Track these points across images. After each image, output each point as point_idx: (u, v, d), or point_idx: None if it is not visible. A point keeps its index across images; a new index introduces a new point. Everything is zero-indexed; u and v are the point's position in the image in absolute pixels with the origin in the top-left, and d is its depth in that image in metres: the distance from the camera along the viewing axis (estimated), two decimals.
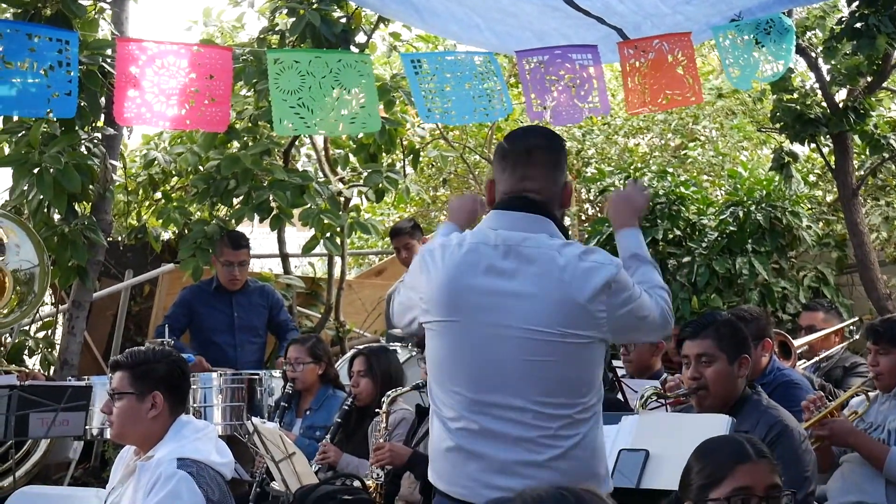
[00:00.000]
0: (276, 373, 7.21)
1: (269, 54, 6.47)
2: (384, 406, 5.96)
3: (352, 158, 9.35)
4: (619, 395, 6.15)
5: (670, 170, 10.32)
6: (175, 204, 9.04)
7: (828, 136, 8.80)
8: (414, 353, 7.28)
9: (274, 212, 8.34)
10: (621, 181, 9.80)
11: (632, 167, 10.19)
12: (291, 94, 6.28)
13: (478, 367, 3.42)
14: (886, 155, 8.92)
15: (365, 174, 8.88)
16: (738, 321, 5.03)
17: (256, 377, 7.11)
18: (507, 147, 3.63)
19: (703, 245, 8.98)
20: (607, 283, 3.40)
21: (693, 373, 4.68)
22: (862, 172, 9.29)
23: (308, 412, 6.88)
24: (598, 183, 10.17)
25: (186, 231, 8.67)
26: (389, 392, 6.03)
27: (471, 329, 3.43)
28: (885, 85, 8.91)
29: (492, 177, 3.71)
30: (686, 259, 8.92)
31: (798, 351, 6.89)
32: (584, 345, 3.40)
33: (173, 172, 9.50)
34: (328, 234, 8.50)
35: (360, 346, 7.31)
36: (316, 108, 6.32)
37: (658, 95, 7.21)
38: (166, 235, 9.40)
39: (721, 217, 9.12)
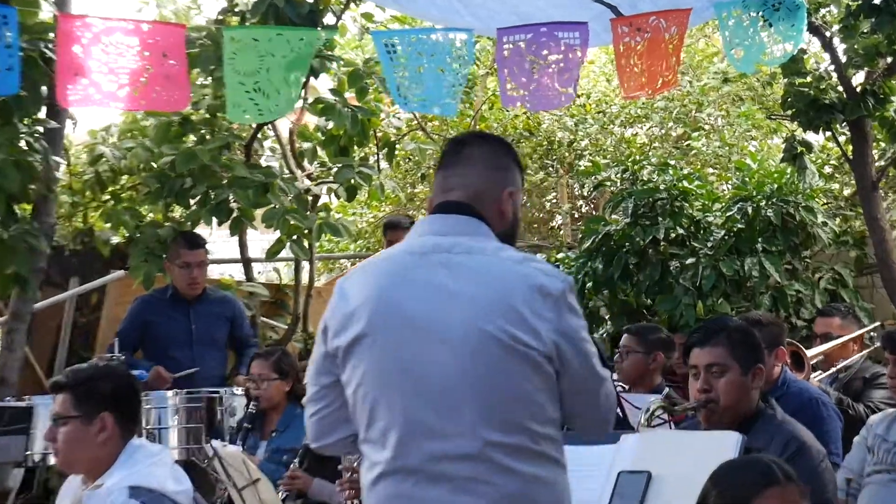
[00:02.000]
0: (239, 390, 7.18)
1: (224, 32, 6.45)
2: None
3: (320, 152, 9.32)
4: (619, 411, 6.15)
5: (672, 162, 10.34)
6: (125, 205, 8.99)
7: (844, 124, 8.83)
8: None
9: (235, 213, 8.31)
10: (618, 175, 9.83)
11: (630, 160, 10.21)
12: (248, 77, 6.26)
13: (405, 389, 3.29)
14: None
15: (335, 169, 8.86)
16: (752, 327, 5.03)
17: (217, 395, 7.07)
18: (444, 151, 3.62)
19: (709, 245, 8.99)
20: (549, 294, 3.28)
21: (703, 384, 4.66)
22: (882, 163, 9.33)
23: (274, 434, 6.86)
24: (593, 177, 10.19)
25: (137, 235, 8.63)
26: None
27: (398, 346, 3.31)
28: None
29: None
30: (690, 260, 8.93)
31: (813, 361, 6.90)
32: (533, 359, 3.25)
33: (123, 170, 9.44)
34: (295, 237, 8.47)
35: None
36: (273, 92, 6.29)
37: (653, 77, 7.21)
38: (115, 240, 9.33)
39: (728, 214, 9.14)
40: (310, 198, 9.11)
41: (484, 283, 3.28)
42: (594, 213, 13.50)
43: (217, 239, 10.84)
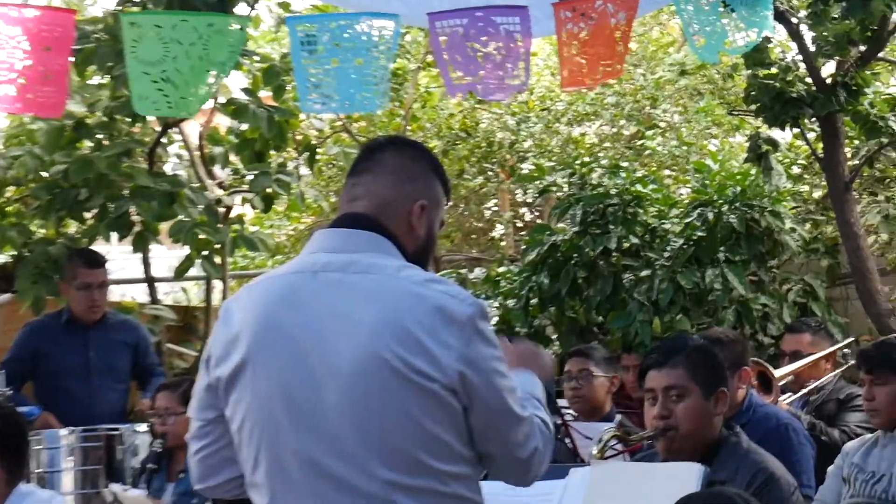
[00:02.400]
0: (142, 427, 7.11)
1: (123, 18, 6.40)
2: None
3: (233, 158, 9.28)
4: (567, 442, 6.15)
5: (624, 164, 10.37)
6: (11, 220, 8.90)
7: (814, 119, 8.89)
8: None
9: (137, 227, 8.24)
10: (565, 179, 9.84)
11: (577, 161, 10.22)
12: (153, 67, 6.21)
13: (290, 426, 3.23)
14: (885, 140, 9.03)
15: (250, 177, 8.82)
16: (714, 346, 5.04)
17: (117, 433, 7.00)
18: (354, 160, 3.55)
19: (666, 255, 9.02)
20: (454, 319, 3.21)
21: (661, 410, 4.65)
22: (856, 162, 9.40)
23: (182, 475, 6.77)
24: (537, 182, 10.21)
25: (26, 253, 8.54)
26: None
27: (281, 376, 3.24)
28: (881, 55, 9.02)
29: None
30: (645, 272, 8.96)
31: (781, 383, 6.94)
32: (433, 392, 3.17)
33: (8, 180, 9.34)
34: (205, 253, 8.43)
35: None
36: (182, 84, 6.25)
37: (595, 67, 7.22)
38: (1, 259, 9.25)
39: (687, 220, 9.17)
40: (221, 209, 9.07)
41: (378, 306, 3.21)
42: (539, 221, 13.51)
43: (117, 256, 10.75)
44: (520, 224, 14.89)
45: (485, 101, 11.92)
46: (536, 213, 14.76)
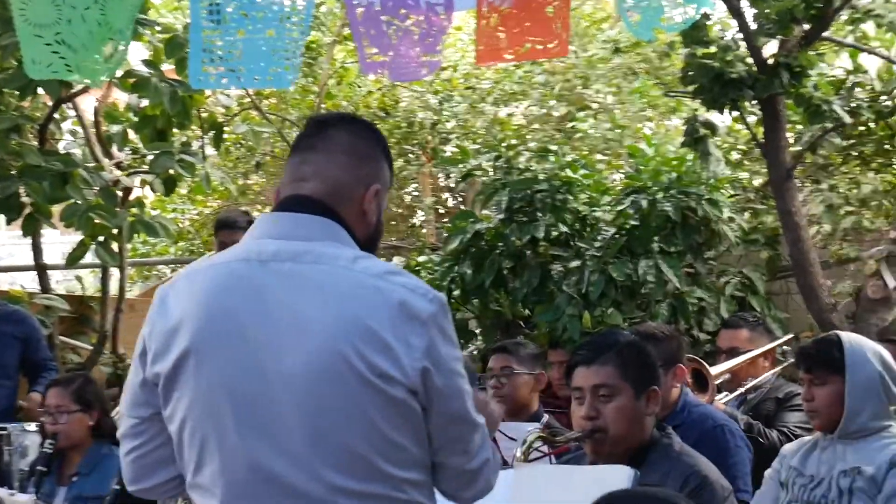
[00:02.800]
0: (31, 426, 7.06)
1: None
2: None
3: (132, 136, 9.23)
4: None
5: (554, 147, 10.42)
6: None
7: (755, 102, 8.96)
8: None
9: (27, 210, 8.17)
10: (490, 163, 9.86)
11: (503, 144, 10.27)
12: (45, 29, 6.14)
13: (237, 424, 3.21)
14: (829, 125, 9.10)
15: (150, 157, 8.77)
16: (646, 342, 5.07)
17: (4, 433, 6.96)
18: (299, 136, 3.53)
19: (597, 245, 9.07)
20: (415, 316, 3.21)
21: (589, 410, 4.68)
22: (799, 148, 9.49)
23: (75, 478, 6.75)
24: (460, 165, 10.21)
25: None
26: None
27: (229, 369, 3.22)
28: (826, 35, 9.09)
29: None
30: (574, 263, 8.99)
31: (717, 381, 7.01)
32: (391, 393, 3.17)
33: None
34: (101, 239, 8.36)
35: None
36: (81, 47, 6.19)
37: (518, 43, 7.21)
38: None
39: (619, 208, 9.23)
40: (119, 191, 9.01)
41: (335, 302, 3.19)
42: (462, 208, 13.53)
43: (6, 241, 10.67)
44: (442, 210, 14.91)
45: None
46: (459, 199, 14.79)
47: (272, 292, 3.23)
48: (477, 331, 9.71)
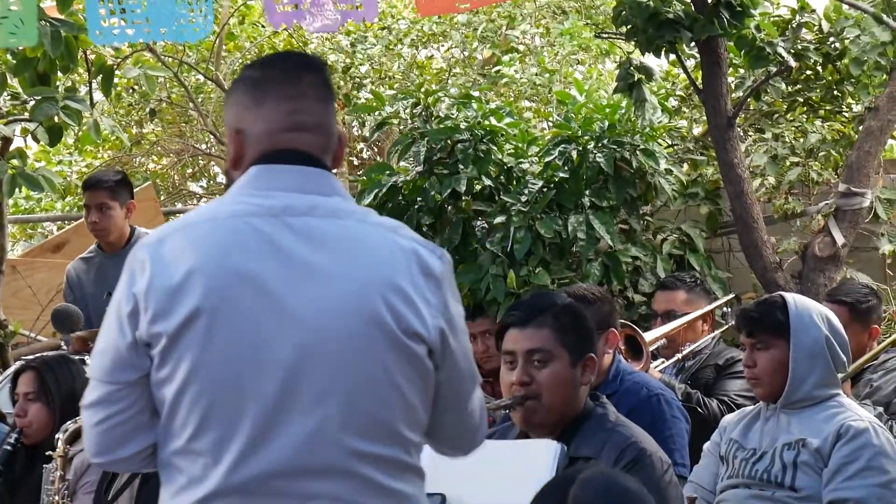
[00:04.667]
0: None
1: None
2: (59, 445, 5.86)
3: (11, 80, 9.10)
4: None
5: (476, 93, 10.38)
6: None
7: (693, 44, 8.97)
8: None
9: None
10: (407, 110, 9.81)
11: (422, 90, 10.22)
12: None
13: (261, 387, 3.26)
14: (773, 69, 9.14)
15: (32, 103, 8.66)
16: (581, 306, 5.08)
17: None
18: (261, 73, 3.52)
19: (523, 199, 9.06)
20: (431, 273, 3.37)
21: (521, 375, 4.69)
22: (741, 94, 9.52)
23: None
24: (375, 113, 10.16)
25: None
26: (68, 424, 5.91)
27: (252, 329, 3.26)
28: None
29: (236, 124, 3.52)
30: (499, 219, 8.98)
31: (652, 347, 7.04)
32: (415, 351, 3.32)
33: None
34: None
35: (29, 357, 7.17)
36: None
37: None
38: None
39: (547, 160, 9.21)
40: None
41: (360, 257, 3.32)
42: (377, 159, 13.51)
43: None
44: (356, 162, 14.87)
45: None
46: (374, 150, 14.76)
47: (291, 248, 3.31)
48: None
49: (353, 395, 3.26)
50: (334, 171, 3.53)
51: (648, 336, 7.02)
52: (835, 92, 10.17)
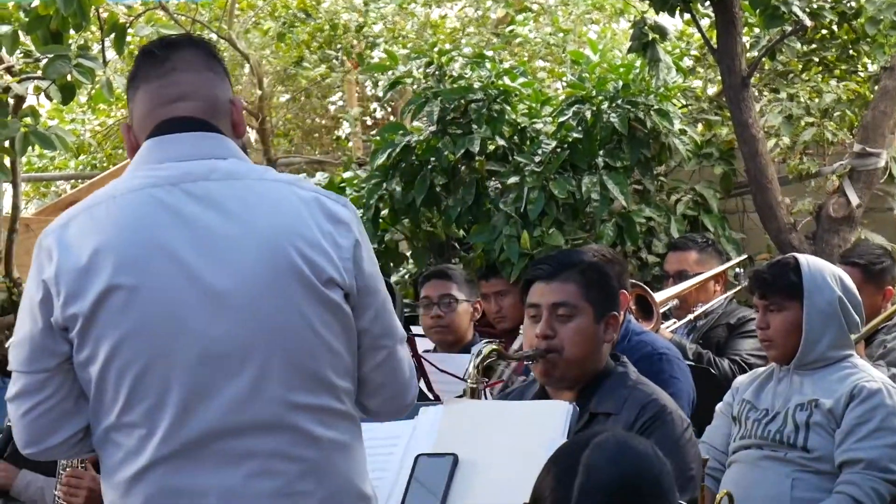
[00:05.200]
0: None
1: None
2: None
3: (23, 38, 9.10)
4: (422, 382, 6.16)
5: (490, 53, 10.36)
6: None
7: (707, 3, 8.95)
8: None
9: None
10: (421, 70, 9.81)
11: (435, 49, 10.21)
12: None
13: (185, 353, 3.29)
14: (788, 28, 9.11)
15: (44, 61, 8.66)
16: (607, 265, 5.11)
17: None
18: (134, 69, 3.59)
19: (537, 159, 9.06)
20: (339, 220, 3.42)
21: (545, 329, 4.71)
22: (755, 53, 9.50)
23: None
24: (389, 73, 10.15)
25: None
26: None
27: (169, 298, 3.29)
28: None
29: (127, 122, 3.63)
30: (513, 180, 8.98)
31: (663, 308, 7.04)
32: (331, 298, 3.37)
33: None
34: None
35: None
36: None
37: None
38: None
39: (561, 120, 9.21)
40: (10, 99, 8.91)
41: (262, 214, 3.37)
42: (391, 119, 13.50)
43: None
44: (369, 122, 14.87)
45: None
46: (388, 110, 14.75)
47: (195, 214, 3.35)
48: (408, 253, 9.70)
49: (277, 349, 3.31)
50: (244, 145, 3.60)
51: (659, 296, 7.02)
52: (850, 51, 10.15)
